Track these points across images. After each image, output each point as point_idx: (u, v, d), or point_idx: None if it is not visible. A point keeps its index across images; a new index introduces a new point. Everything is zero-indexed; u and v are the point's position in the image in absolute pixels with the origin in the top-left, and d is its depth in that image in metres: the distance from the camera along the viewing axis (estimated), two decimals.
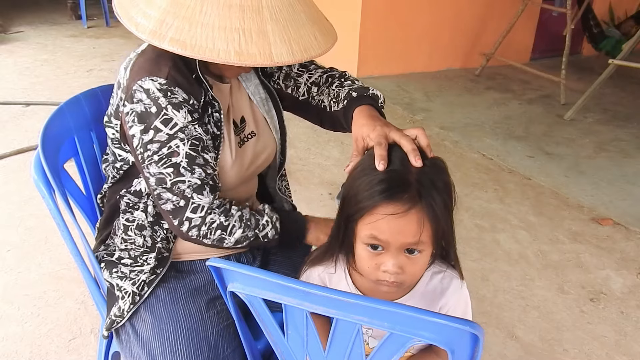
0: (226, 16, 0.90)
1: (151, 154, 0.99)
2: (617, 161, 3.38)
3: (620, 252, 2.43)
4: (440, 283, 0.93)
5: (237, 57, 0.89)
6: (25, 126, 3.38)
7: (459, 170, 3.12)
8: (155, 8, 0.92)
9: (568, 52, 4.33)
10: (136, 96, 0.99)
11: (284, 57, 0.92)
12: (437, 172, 0.85)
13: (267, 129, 1.23)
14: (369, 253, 0.84)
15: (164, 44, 0.90)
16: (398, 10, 4.51)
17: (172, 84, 0.99)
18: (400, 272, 0.83)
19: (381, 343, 0.75)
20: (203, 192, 1.00)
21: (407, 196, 0.79)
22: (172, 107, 0.98)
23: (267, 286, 0.80)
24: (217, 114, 1.07)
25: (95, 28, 5.88)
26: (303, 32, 0.96)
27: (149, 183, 1.01)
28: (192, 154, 1.00)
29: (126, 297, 1.09)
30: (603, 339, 1.92)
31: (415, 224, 0.80)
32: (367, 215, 0.82)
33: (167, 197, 1.00)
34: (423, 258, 0.85)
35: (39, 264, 2.14)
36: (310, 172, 2.96)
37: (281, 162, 1.30)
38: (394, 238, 0.81)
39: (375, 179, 0.82)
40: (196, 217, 1.00)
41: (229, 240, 1.04)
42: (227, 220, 1.03)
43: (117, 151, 1.11)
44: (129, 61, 1.05)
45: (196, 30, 0.89)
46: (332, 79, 1.21)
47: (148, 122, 0.98)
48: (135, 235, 1.12)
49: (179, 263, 1.17)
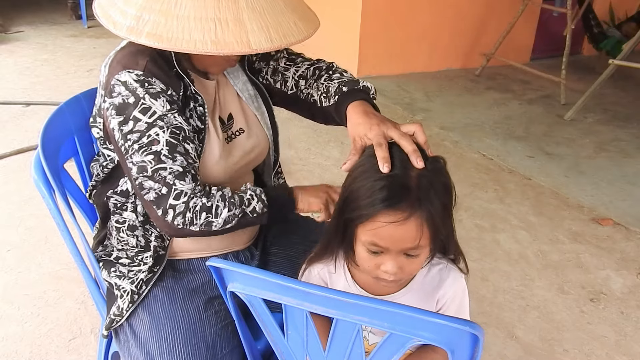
0: (201, 7, 0.90)
1: (132, 144, 0.98)
2: (617, 161, 3.38)
3: (620, 252, 2.43)
4: (439, 275, 0.94)
5: (214, 47, 0.89)
6: (25, 126, 3.38)
7: (459, 170, 3.12)
8: (132, 5, 0.93)
9: (568, 52, 4.33)
10: (115, 90, 0.99)
11: (262, 44, 0.91)
12: (436, 174, 0.85)
13: (258, 126, 1.22)
14: (369, 255, 0.85)
15: (141, 39, 0.90)
16: (398, 10, 4.51)
17: (149, 75, 0.99)
18: (400, 272, 0.84)
19: (381, 343, 0.75)
20: (185, 178, 0.99)
21: (406, 204, 0.80)
22: (150, 96, 0.98)
23: (267, 286, 0.80)
24: (200, 108, 1.07)
25: (95, 28, 5.88)
26: (281, 19, 0.96)
27: (131, 174, 1.00)
28: (172, 142, 0.99)
29: (125, 296, 1.09)
30: (603, 339, 1.92)
31: (414, 230, 0.81)
32: (367, 222, 0.82)
33: (149, 185, 0.98)
34: (421, 257, 0.86)
35: (39, 264, 2.14)
36: (310, 172, 2.96)
37: (275, 159, 1.29)
38: (394, 244, 0.82)
39: (376, 185, 0.82)
40: (179, 203, 0.98)
41: (217, 222, 1.00)
42: (210, 201, 1.00)
43: (105, 151, 1.11)
44: (107, 59, 1.06)
45: (172, 23, 0.90)
46: (319, 71, 1.20)
47: (127, 112, 0.98)
48: (127, 236, 1.11)
49: (176, 262, 1.17)
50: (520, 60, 5.06)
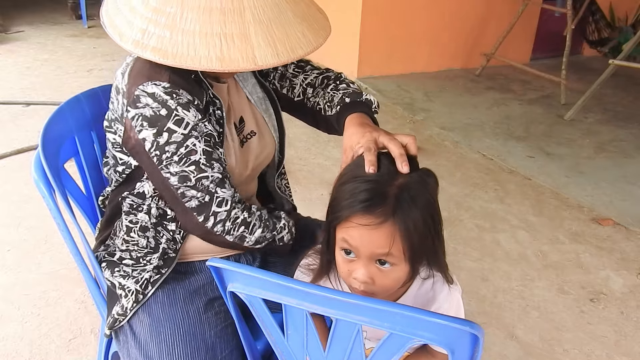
0: (207, 21, 0.89)
1: (170, 155, 0.99)
2: (617, 161, 3.38)
3: (620, 252, 2.43)
4: (432, 289, 0.93)
5: (219, 63, 0.88)
6: (26, 126, 3.38)
7: (459, 170, 3.12)
8: (138, 16, 0.92)
9: (568, 52, 4.33)
10: (141, 101, 0.98)
11: (268, 59, 0.91)
12: (421, 187, 0.84)
13: (267, 128, 1.23)
14: (344, 258, 0.86)
15: (146, 54, 0.90)
16: (398, 10, 4.51)
17: (176, 87, 0.99)
18: (371, 282, 0.84)
19: (381, 343, 0.75)
20: (225, 185, 1.02)
21: (381, 210, 0.80)
22: (182, 107, 0.99)
23: (267, 286, 0.80)
24: (219, 112, 1.07)
25: (95, 28, 5.88)
26: (290, 30, 0.95)
27: (169, 183, 1.01)
28: (208, 150, 1.01)
29: (129, 295, 1.09)
30: (603, 339, 1.92)
31: (385, 237, 0.81)
32: (343, 222, 0.84)
33: (192, 194, 1.00)
34: (395, 272, 0.85)
35: (39, 264, 2.14)
36: (310, 172, 2.96)
37: (279, 159, 1.30)
38: (363, 246, 0.83)
39: (357, 188, 0.83)
40: (222, 211, 1.01)
41: (250, 239, 1.05)
42: (250, 217, 1.04)
43: (119, 155, 1.11)
44: (125, 66, 1.05)
45: (177, 38, 0.89)
46: (327, 80, 1.22)
47: (160, 124, 0.98)
48: (138, 236, 1.11)
49: (178, 264, 1.17)
50: (521, 60, 5.06)
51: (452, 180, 2.96)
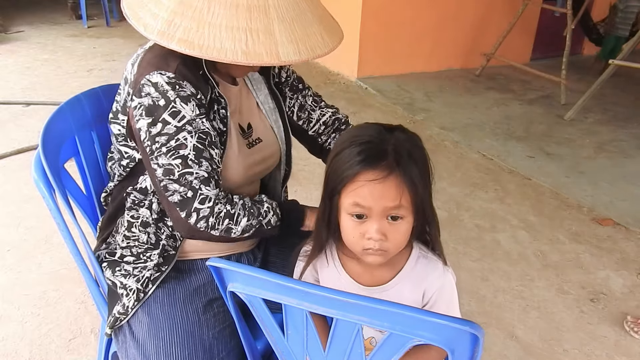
0: (233, 16, 0.91)
1: (159, 146, 1.00)
2: (617, 161, 3.38)
3: (620, 252, 2.43)
4: (426, 267, 0.96)
5: (245, 57, 0.90)
6: (26, 126, 3.38)
7: (459, 170, 3.12)
8: (163, 9, 0.93)
9: (568, 53, 4.33)
10: (144, 90, 1.00)
11: (290, 56, 0.93)
12: (413, 144, 0.89)
13: (274, 138, 1.24)
14: (354, 222, 0.88)
15: (172, 44, 0.91)
16: (398, 10, 4.51)
17: (180, 77, 1.00)
18: (384, 239, 0.86)
19: (381, 343, 0.76)
20: (210, 184, 1.02)
21: (384, 163, 0.83)
22: (181, 100, 1.00)
23: (267, 286, 0.80)
24: (223, 111, 1.08)
25: (95, 28, 5.89)
26: (309, 31, 0.98)
27: (155, 175, 1.02)
28: (199, 147, 1.01)
29: (131, 294, 1.09)
30: (603, 339, 1.92)
31: (394, 188, 0.84)
32: (349, 184, 0.86)
33: (174, 188, 1.00)
34: (405, 225, 0.88)
35: (39, 264, 2.14)
36: (311, 172, 2.96)
37: (286, 173, 1.31)
38: (375, 203, 0.84)
39: (354, 151, 0.86)
40: (204, 207, 1.01)
41: (236, 230, 1.05)
42: (233, 209, 1.04)
43: (123, 148, 1.12)
44: (136, 57, 1.06)
45: (204, 31, 0.90)
46: (338, 123, 1.35)
47: (156, 114, 0.99)
48: (139, 232, 1.12)
49: (179, 262, 1.18)
50: (521, 60, 5.06)
51: (452, 180, 2.96)
